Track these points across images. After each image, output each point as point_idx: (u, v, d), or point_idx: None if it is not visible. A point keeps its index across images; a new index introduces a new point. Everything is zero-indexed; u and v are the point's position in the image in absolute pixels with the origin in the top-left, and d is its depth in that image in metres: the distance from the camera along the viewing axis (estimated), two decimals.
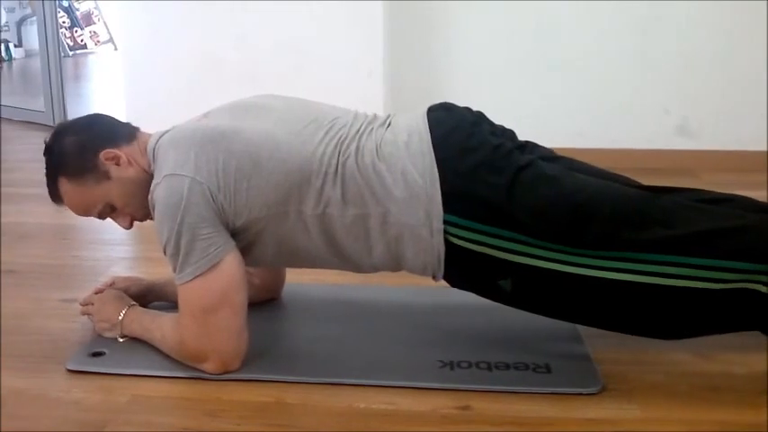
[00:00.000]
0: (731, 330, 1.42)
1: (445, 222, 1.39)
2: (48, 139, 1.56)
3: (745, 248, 1.31)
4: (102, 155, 1.51)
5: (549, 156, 1.51)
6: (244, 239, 1.46)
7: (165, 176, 1.42)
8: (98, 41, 7.90)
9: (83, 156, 1.51)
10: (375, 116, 1.57)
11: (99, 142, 1.53)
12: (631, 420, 1.31)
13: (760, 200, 1.48)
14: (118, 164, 1.51)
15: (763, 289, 1.31)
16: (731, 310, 1.35)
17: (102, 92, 5.93)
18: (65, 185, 1.53)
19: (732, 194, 1.48)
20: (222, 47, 3.11)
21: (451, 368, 1.47)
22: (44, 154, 1.55)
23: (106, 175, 1.51)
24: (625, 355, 1.51)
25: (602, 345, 1.52)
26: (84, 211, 1.56)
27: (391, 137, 1.46)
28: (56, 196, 1.56)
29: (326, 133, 1.47)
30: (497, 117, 1.58)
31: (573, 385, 1.41)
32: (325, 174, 1.42)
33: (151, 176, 1.48)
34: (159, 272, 1.80)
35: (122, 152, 1.52)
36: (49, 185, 1.55)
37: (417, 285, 1.54)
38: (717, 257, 1.31)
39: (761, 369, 1.46)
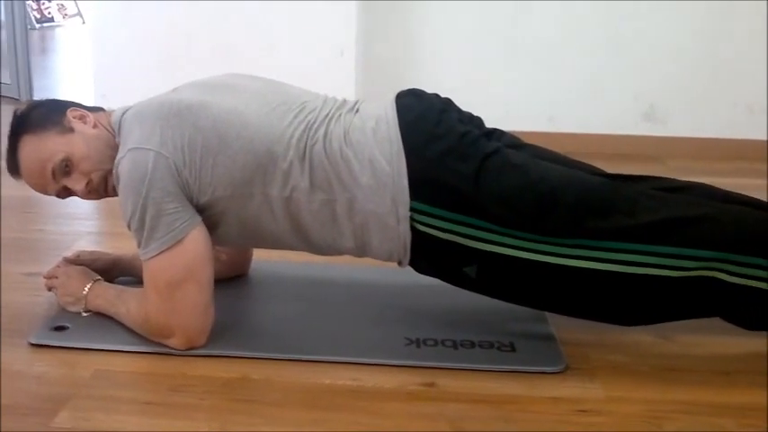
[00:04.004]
0: (692, 317, 1.45)
1: (411, 209, 1.39)
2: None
3: (706, 237, 1.33)
4: (69, 111, 1.52)
5: (515, 143, 1.53)
6: (207, 218, 1.45)
7: (129, 150, 1.41)
8: (66, 14, 7.76)
9: (49, 112, 1.52)
10: (344, 101, 1.56)
11: (67, 104, 1.56)
12: (594, 399, 1.33)
13: (721, 187, 1.50)
14: (84, 122, 1.51)
15: (722, 276, 1.34)
16: (692, 297, 1.37)
17: (69, 65, 5.84)
18: (25, 146, 1.50)
19: (693, 182, 1.50)
20: (192, 22, 3.07)
21: (417, 346, 1.48)
22: (12, 120, 1.53)
23: (70, 130, 1.50)
24: (588, 336, 1.53)
25: (567, 325, 1.54)
26: (40, 171, 1.49)
27: (359, 123, 1.45)
28: (14, 165, 1.53)
29: (295, 117, 1.46)
30: (469, 100, 1.59)
31: (537, 364, 1.42)
32: (293, 157, 1.41)
33: (115, 139, 1.49)
34: (125, 246, 1.78)
35: (89, 114, 1.53)
36: (8, 153, 1.52)
37: (385, 265, 1.55)
38: (678, 245, 1.33)
39: (719, 350, 1.50)
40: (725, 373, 1.42)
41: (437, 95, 1.55)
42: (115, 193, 1.48)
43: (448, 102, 1.54)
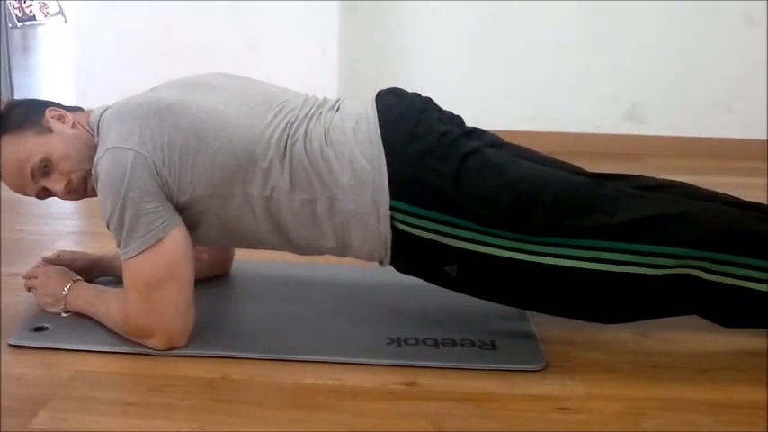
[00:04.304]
0: (671, 314, 1.46)
1: (392, 209, 1.39)
2: None
3: (684, 235, 1.34)
4: (48, 111, 1.50)
5: (495, 142, 1.53)
6: (187, 218, 1.44)
7: (108, 149, 1.40)
8: (47, 13, 7.71)
9: (28, 112, 1.51)
10: (325, 100, 1.56)
11: (46, 103, 1.54)
12: (574, 397, 1.34)
13: (700, 185, 1.51)
14: (62, 122, 1.50)
15: (700, 274, 1.35)
16: (670, 294, 1.38)
17: (51, 64, 5.81)
18: (3, 146, 1.48)
19: (672, 181, 1.51)
20: (174, 22, 3.06)
21: (399, 345, 1.48)
22: None
23: (49, 130, 1.49)
24: (569, 334, 1.54)
25: (547, 323, 1.55)
26: (19, 172, 1.48)
27: (339, 122, 1.45)
28: None
29: (275, 116, 1.46)
30: (451, 99, 1.59)
31: (517, 362, 1.43)
32: (273, 157, 1.41)
33: (94, 138, 1.47)
34: (105, 246, 1.77)
35: (68, 114, 1.52)
36: None
37: (366, 265, 1.56)
38: (656, 244, 1.34)
39: (698, 347, 1.51)
40: (703, 370, 1.43)
41: (417, 95, 1.55)
42: (95, 194, 1.47)
43: (428, 101, 1.54)
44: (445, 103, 1.57)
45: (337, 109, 1.50)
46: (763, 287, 1.34)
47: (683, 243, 1.34)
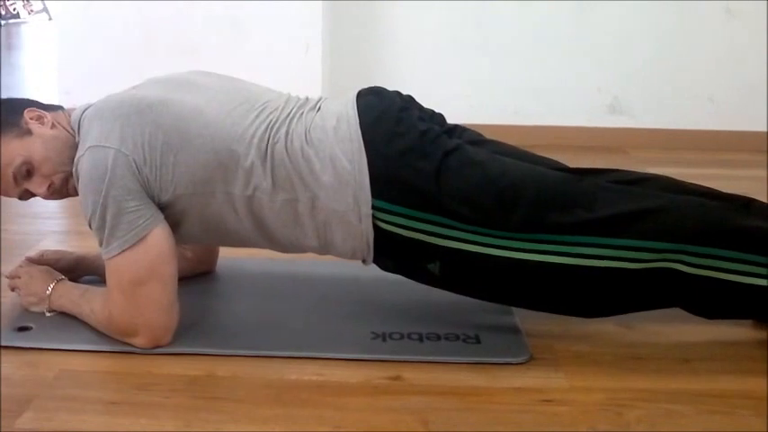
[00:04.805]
0: (653, 307, 1.47)
1: (373, 208, 1.39)
2: None
3: (664, 228, 1.35)
4: (26, 112, 1.49)
5: (476, 139, 1.53)
6: (169, 216, 1.44)
7: (89, 148, 1.39)
8: (31, 11, 7.67)
9: (6, 114, 1.49)
10: (306, 99, 1.56)
11: (24, 104, 1.52)
12: (558, 389, 1.35)
13: (682, 177, 1.52)
14: (41, 123, 1.49)
15: (681, 267, 1.36)
16: (652, 288, 1.39)
17: (35, 62, 5.77)
18: None
19: (651, 174, 1.52)
20: (158, 19, 3.05)
21: (383, 339, 1.48)
22: None
23: (28, 132, 1.47)
24: (552, 327, 1.54)
25: (531, 316, 1.55)
26: (1, 176, 1.48)
27: (320, 122, 1.45)
28: None
29: (257, 116, 1.46)
30: (435, 95, 1.59)
31: (502, 355, 1.44)
32: (254, 157, 1.41)
33: (74, 138, 1.47)
34: (90, 245, 1.76)
35: (47, 114, 1.51)
36: None
37: (350, 260, 1.56)
38: (637, 238, 1.35)
39: (680, 338, 1.52)
40: (685, 361, 1.44)
41: (398, 93, 1.55)
42: (78, 193, 1.47)
43: (409, 99, 1.54)
44: (430, 98, 1.57)
45: (318, 108, 1.50)
46: (743, 279, 1.36)
47: (664, 237, 1.34)
